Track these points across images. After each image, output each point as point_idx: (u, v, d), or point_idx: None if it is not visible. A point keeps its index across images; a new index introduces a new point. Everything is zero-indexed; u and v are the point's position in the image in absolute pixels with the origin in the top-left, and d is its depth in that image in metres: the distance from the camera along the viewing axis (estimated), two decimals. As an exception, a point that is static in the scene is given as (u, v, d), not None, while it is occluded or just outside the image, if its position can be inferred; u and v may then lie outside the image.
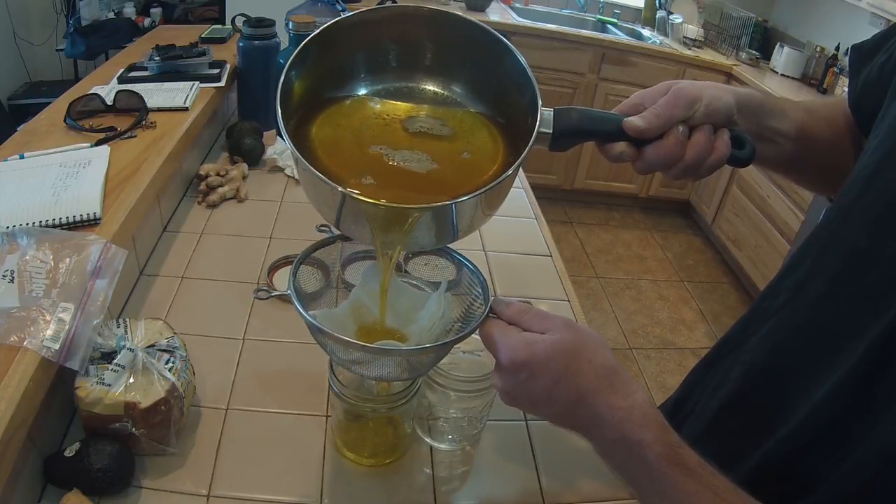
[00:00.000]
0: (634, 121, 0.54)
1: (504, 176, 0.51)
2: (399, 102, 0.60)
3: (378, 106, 0.59)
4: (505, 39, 0.56)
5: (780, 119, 0.61)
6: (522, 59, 0.55)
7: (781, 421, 0.54)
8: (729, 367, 0.65)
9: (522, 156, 0.52)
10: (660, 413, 0.49)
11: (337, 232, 0.64)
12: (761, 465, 0.55)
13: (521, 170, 1.51)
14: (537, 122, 0.53)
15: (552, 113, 0.54)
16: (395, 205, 0.50)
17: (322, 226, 0.67)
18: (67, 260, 0.69)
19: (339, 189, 0.48)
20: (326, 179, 0.49)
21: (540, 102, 0.53)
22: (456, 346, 0.75)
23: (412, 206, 0.50)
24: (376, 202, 0.49)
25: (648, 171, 0.56)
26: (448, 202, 0.49)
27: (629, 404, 0.48)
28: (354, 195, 0.49)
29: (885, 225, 0.50)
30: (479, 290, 0.63)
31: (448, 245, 0.64)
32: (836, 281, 0.53)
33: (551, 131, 0.54)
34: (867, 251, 0.51)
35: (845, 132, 0.67)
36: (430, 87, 0.61)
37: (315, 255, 0.71)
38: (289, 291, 0.59)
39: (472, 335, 0.57)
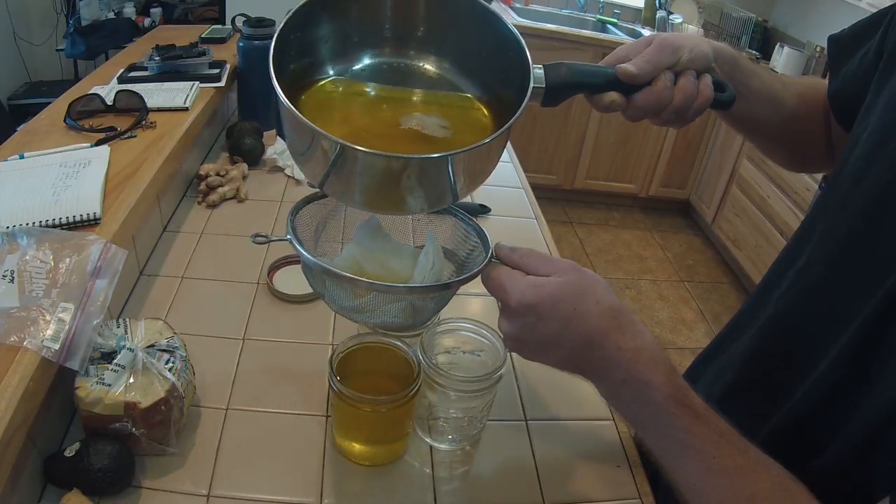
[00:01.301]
0: (627, 67, 0.56)
1: (505, 127, 0.51)
2: (390, 87, 0.60)
3: (369, 91, 0.59)
4: (492, 9, 0.57)
5: (751, 77, 0.64)
6: (511, 25, 0.56)
7: (787, 396, 0.57)
8: (730, 357, 0.67)
9: (521, 108, 0.53)
10: (667, 355, 0.49)
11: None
12: (771, 435, 0.57)
13: (521, 169, 1.51)
14: (531, 77, 0.54)
15: (542, 69, 0.56)
16: (393, 154, 0.49)
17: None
18: (67, 260, 0.69)
19: (337, 140, 0.47)
20: (322, 130, 0.47)
21: (531, 60, 0.55)
22: (456, 346, 0.76)
23: (413, 155, 0.49)
24: (374, 151, 0.47)
25: (639, 117, 0.59)
26: (446, 153, 0.49)
27: (637, 345, 0.49)
28: (351, 145, 0.47)
29: (880, 210, 0.52)
30: (477, 240, 0.62)
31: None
32: (834, 265, 0.56)
33: (544, 86, 0.56)
34: (863, 236, 0.54)
35: (817, 110, 0.69)
36: (421, 61, 0.61)
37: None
38: (288, 237, 0.59)
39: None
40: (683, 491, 0.48)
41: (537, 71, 0.56)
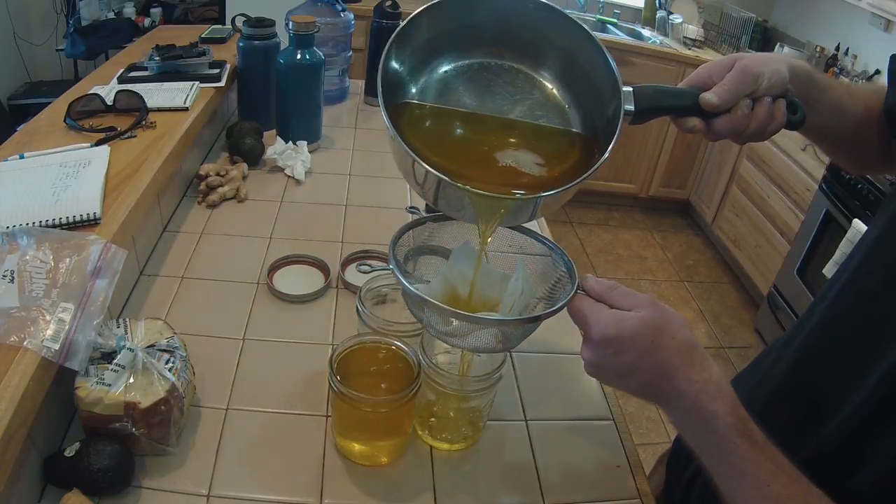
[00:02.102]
0: (709, 97, 0.61)
1: (602, 159, 0.56)
2: (482, 112, 0.63)
3: (462, 119, 0.63)
4: (589, 31, 0.61)
5: (822, 92, 0.68)
6: (604, 48, 0.60)
7: (828, 413, 0.57)
8: (770, 366, 0.69)
9: (616, 135, 0.57)
10: (732, 388, 0.53)
11: (424, 214, 0.70)
12: (811, 455, 0.57)
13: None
14: (622, 101, 0.59)
15: (632, 91, 0.60)
16: (500, 195, 0.55)
17: (412, 207, 0.72)
18: (67, 260, 0.69)
19: (452, 182, 0.53)
20: (435, 170, 0.53)
21: (621, 82, 0.59)
22: (456, 346, 0.75)
23: (519, 195, 0.56)
24: (484, 192, 0.54)
25: (717, 139, 0.64)
26: (553, 191, 0.55)
27: (705, 378, 0.52)
28: (465, 187, 0.53)
29: None
30: (564, 270, 0.65)
31: (529, 228, 0.71)
32: (885, 283, 0.58)
33: (633, 107, 0.60)
34: None
35: (876, 117, 0.72)
36: (518, 79, 0.65)
37: (316, 257, 0.70)
38: (391, 267, 0.63)
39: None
40: None
41: (626, 91, 0.59)
